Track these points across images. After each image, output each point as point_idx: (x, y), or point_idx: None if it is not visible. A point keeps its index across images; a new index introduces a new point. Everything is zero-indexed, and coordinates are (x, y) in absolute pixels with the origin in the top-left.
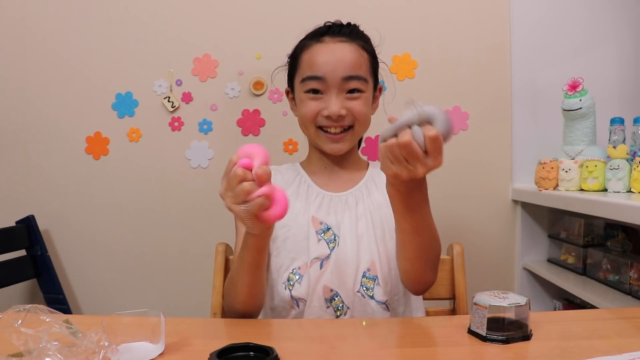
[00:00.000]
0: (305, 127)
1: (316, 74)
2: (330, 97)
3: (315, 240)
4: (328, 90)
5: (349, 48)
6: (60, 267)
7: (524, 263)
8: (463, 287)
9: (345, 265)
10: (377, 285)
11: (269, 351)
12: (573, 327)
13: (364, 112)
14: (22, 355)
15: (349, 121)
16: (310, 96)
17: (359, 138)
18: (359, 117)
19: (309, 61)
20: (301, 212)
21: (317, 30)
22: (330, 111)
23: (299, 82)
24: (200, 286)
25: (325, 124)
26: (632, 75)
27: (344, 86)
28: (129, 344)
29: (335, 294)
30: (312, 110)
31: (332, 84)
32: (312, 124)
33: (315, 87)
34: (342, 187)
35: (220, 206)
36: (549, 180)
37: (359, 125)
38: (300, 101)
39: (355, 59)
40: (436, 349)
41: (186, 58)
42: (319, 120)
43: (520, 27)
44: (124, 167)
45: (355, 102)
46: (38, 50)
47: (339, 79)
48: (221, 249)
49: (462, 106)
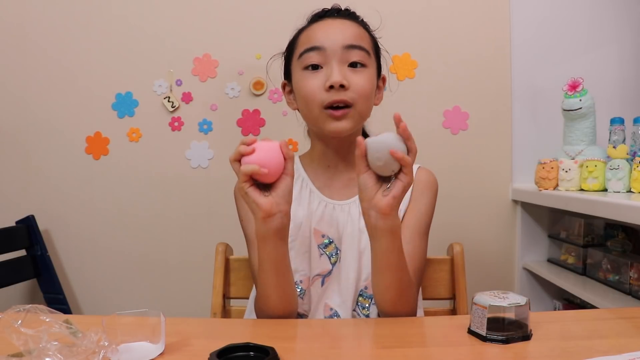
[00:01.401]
0: (307, 108)
1: (314, 44)
2: (331, 67)
3: (317, 254)
4: (328, 62)
5: (349, 23)
6: (60, 267)
7: (524, 263)
8: (463, 287)
9: (346, 283)
10: (372, 305)
11: (269, 351)
12: (573, 327)
13: (367, 88)
14: (22, 355)
15: (350, 96)
16: (309, 72)
17: (362, 119)
18: (362, 92)
19: (307, 37)
20: (303, 223)
21: (315, 13)
22: (332, 80)
23: (297, 59)
24: (200, 286)
25: (329, 99)
26: (632, 75)
27: (346, 56)
28: (129, 344)
29: (334, 313)
30: (313, 85)
31: (332, 53)
32: (315, 102)
33: (315, 61)
34: (345, 192)
35: (220, 206)
36: (549, 180)
37: (361, 103)
38: (299, 81)
39: (356, 31)
40: (436, 349)
41: (186, 58)
42: (322, 97)
43: (520, 27)
44: (124, 167)
45: (357, 76)
46: (38, 50)
47: (340, 47)
48: (221, 249)
49: (462, 106)
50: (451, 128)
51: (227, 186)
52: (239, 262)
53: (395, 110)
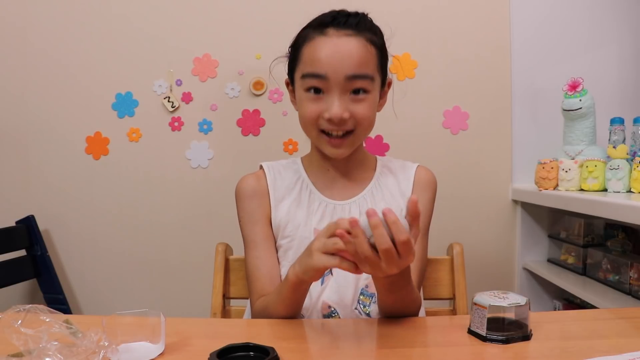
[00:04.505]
0: (306, 129)
1: (318, 71)
2: (333, 98)
3: None
4: (330, 90)
5: (354, 43)
6: (60, 267)
7: (524, 263)
8: (463, 287)
9: (345, 282)
10: (373, 303)
11: (269, 351)
12: (573, 327)
13: (368, 116)
14: (22, 355)
15: (351, 125)
16: (310, 96)
17: (360, 141)
18: (363, 121)
19: (311, 56)
20: (303, 223)
21: (322, 19)
22: (332, 114)
23: (299, 77)
24: (200, 286)
25: (327, 127)
26: (632, 75)
27: (348, 86)
28: (129, 344)
29: (333, 311)
30: (313, 112)
31: (334, 83)
32: (313, 127)
33: (317, 86)
34: (345, 193)
35: (220, 206)
36: (549, 180)
37: (362, 129)
38: (300, 100)
39: (361, 56)
40: (436, 349)
41: (186, 58)
42: (320, 123)
43: (520, 27)
44: (124, 167)
45: (359, 106)
46: (38, 50)
47: (343, 77)
48: (221, 249)
49: (462, 106)
50: (451, 128)
51: (227, 186)
52: (238, 262)
53: (395, 110)
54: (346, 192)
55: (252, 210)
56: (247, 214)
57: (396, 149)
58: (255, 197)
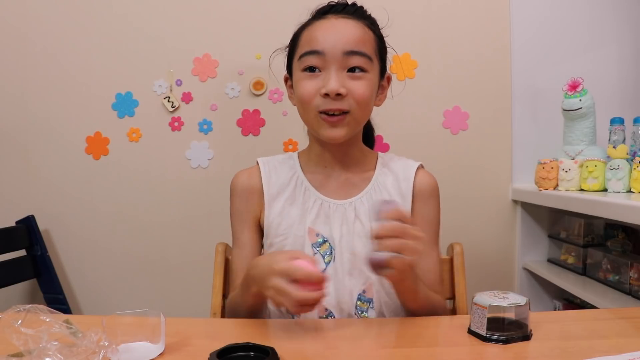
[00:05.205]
0: (304, 111)
1: (314, 48)
2: (329, 74)
3: (311, 254)
4: (327, 67)
5: (352, 24)
6: (60, 267)
7: (524, 263)
8: (463, 287)
9: (341, 285)
10: (371, 309)
11: (269, 351)
12: (573, 327)
13: (366, 95)
14: (22, 355)
15: (347, 104)
16: (307, 75)
17: (358, 125)
18: (360, 100)
19: (308, 37)
20: (297, 221)
21: (320, 9)
22: (328, 88)
23: (297, 60)
24: (200, 286)
25: (324, 106)
26: (632, 75)
27: (345, 62)
28: (129, 344)
29: (329, 313)
30: (310, 89)
31: (331, 59)
32: (311, 106)
33: (314, 64)
34: (342, 192)
35: (220, 206)
36: (549, 180)
37: (359, 110)
38: (297, 82)
39: (359, 35)
40: (436, 349)
41: (186, 58)
42: (318, 102)
43: (520, 27)
44: (124, 167)
45: (356, 83)
46: (38, 50)
47: (340, 53)
48: (221, 249)
49: (462, 106)
50: (451, 128)
51: (227, 186)
52: None
53: (395, 110)
54: (343, 191)
55: (242, 209)
56: (237, 211)
57: (396, 149)
58: (245, 195)
